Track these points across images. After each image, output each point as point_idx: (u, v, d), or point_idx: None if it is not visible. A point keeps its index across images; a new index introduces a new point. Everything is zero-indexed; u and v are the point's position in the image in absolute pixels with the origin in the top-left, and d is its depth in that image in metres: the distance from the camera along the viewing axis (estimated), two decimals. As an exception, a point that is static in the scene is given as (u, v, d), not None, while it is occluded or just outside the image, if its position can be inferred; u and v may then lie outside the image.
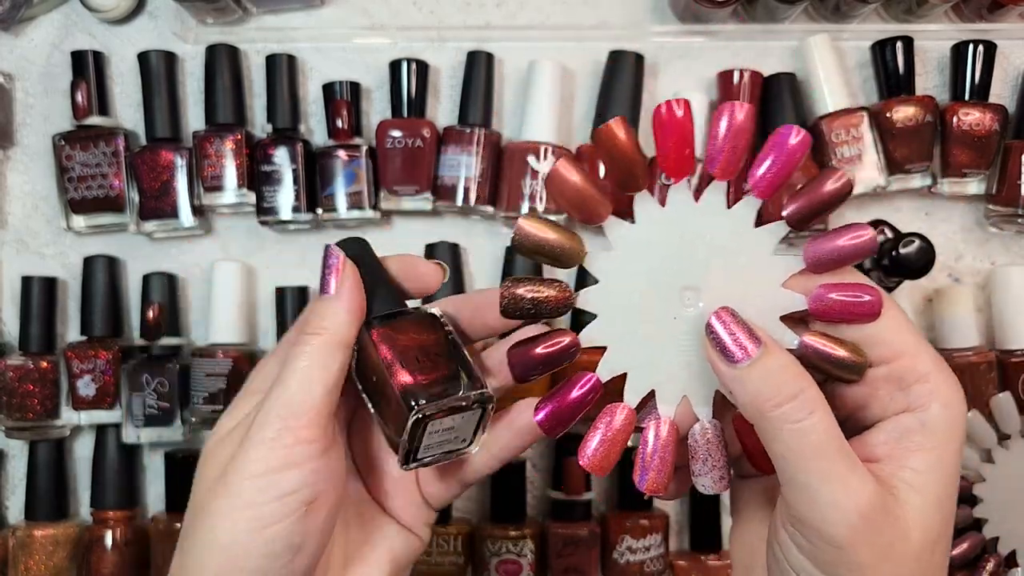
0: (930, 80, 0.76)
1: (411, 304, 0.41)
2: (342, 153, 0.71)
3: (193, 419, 0.71)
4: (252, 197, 0.72)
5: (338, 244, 0.38)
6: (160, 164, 0.72)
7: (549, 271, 0.68)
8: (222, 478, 0.34)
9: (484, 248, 0.76)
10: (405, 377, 0.36)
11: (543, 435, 0.37)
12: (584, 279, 0.65)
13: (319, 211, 0.72)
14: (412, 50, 0.75)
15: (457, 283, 0.73)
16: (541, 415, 0.36)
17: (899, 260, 0.67)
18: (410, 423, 0.35)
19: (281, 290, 0.73)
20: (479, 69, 0.72)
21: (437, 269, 0.41)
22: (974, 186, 0.73)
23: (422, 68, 0.73)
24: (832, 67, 0.72)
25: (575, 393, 0.36)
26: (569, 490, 0.71)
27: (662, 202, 0.35)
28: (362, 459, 0.43)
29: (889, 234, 0.71)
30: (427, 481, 0.43)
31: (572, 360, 0.36)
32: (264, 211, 0.72)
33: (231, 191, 0.71)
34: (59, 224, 0.74)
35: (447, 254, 0.73)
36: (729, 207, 0.35)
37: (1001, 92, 0.75)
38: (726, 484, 0.35)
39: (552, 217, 0.70)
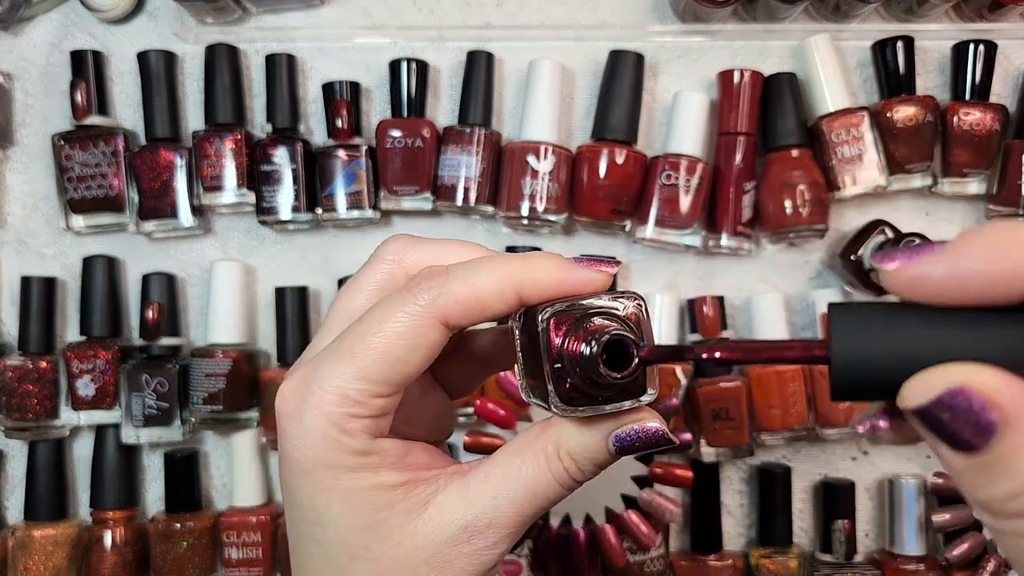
0: (930, 80, 0.76)
1: None
2: (342, 153, 0.71)
3: (192, 419, 0.71)
4: (251, 197, 0.72)
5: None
6: (160, 164, 0.72)
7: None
8: None
9: (484, 248, 0.76)
10: None
11: None
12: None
13: (319, 211, 0.72)
14: (412, 50, 0.75)
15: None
16: None
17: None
18: None
19: (281, 290, 0.73)
20: (479, 69, 0.72)
21: None
22: (975, 186, 0.73)
23: (422, 68, 0.73)
24: (832, 67, 0.72)
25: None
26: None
27: None
28: None
29: (890, 234, 0.71)
30: None
31: None
32: (263, 211, 0.72)
33: (230, 191, 0.71)
34: (58, 224, 0.73)
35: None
36: None
37: (1001, 92, 0.75)
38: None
39: (552, 218, 0.71)
